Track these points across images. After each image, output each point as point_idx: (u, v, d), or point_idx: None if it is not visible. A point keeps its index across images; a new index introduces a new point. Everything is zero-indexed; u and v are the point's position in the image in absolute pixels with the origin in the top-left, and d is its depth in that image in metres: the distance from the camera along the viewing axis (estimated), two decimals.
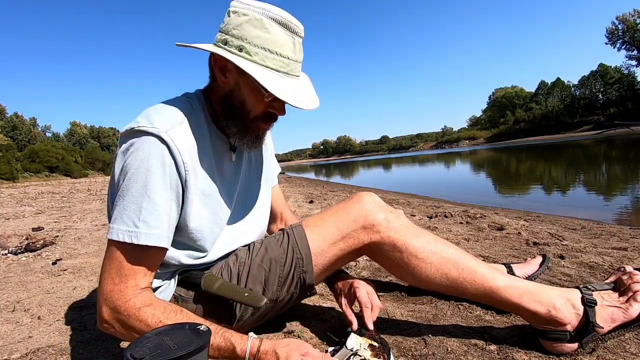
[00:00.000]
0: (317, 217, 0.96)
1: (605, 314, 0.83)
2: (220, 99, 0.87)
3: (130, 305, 0.73)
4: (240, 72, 0.78)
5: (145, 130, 0.76)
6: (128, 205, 0.74)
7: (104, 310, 0.74)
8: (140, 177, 0.74)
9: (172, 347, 0.58)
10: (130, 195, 0.74)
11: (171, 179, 0.77)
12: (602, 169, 8.57)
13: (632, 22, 52.86)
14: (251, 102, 0.83)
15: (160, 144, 0.76)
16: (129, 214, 0.74)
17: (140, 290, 0.75)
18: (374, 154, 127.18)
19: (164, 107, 0.82)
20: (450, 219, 2.85)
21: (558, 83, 69.30)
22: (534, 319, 0.85)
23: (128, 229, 0.73)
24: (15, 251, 2.36)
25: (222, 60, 0.81)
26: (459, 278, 0.88)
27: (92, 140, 68.32)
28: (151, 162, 0.75)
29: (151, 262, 0.78)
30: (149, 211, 0.74)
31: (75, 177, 32.61)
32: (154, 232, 0.74)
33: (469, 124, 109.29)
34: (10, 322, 1.24)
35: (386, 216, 0.92)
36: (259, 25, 0.77)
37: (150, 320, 0.72)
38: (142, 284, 0.76)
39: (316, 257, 0.91)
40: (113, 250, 0.75)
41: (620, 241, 1.93)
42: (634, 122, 39.57)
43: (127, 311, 0.73)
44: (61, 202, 6.50)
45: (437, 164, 18.65)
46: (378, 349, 0.83)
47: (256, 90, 0.81)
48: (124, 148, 0.77)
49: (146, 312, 0.73)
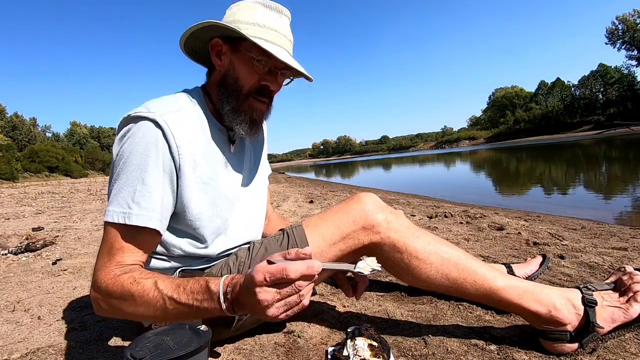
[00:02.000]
0: (317, 217, 0.96)
1: (606, 314, 0.83)
2: (217, 85, 0.91)
3: (110, 275, 0.74)
4: (234, 49, 0.86)
5: (141, 115, 0.79)
6: (123, 188, 0.77)
7: (92, 289, 0.76)
8: (134, 160, 0.77)
9: (172, 347, 0.58)
10: (124, 179, 0.77)
11: (164, 162, 0.80)
12: (602, 169, 8.56)
13: (632, 22, 52.83)
14: (244, 76, 0.87)
15: (155, 127, 0.79)
16: (123, 196, 0.76)
17: (125, 265, 0.76)
18: (374, 154, 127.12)
19: (162, 97, 0.86)
20: (450, 219, 2.85)
21: (558, 83, 69.29)
22: (534, 319, 0.85)
23: (122, 210, 0.76)
24: (15, 251, 2.36)
25: (217, 45, 0.87)
26: (459, 278, 0.88)
27: (92, 140, 68.32)
28: (145, 145, 0.78)
29: (143, 244, 0.79)
30: (142, 193, 0.77)
31: (75, 177, 32.59)
32: (146, 213, 0.77)
33: (469, 124, 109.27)
34: (10, 322, 1.24)
35: (386, 217, 0.92)
36: (247, 8, 0.86)
37: (126, 281, 0.73)
38: (129, 260, 0.77)
39: (316, 258, 0.90)
40: (107, 232, 0.77)
41: (620, 241, 1.93)
42: (634, 122, 39.59)
43: (106, 281, 0.74)
44: (61, 202, 6.50)
45: (437, 164, 18.64)
46: (378, 348, 0.83)
47: (248, 63, 0.86)
48: (121, 134, 0.80)
49: (123, 277, 0.74)
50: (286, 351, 0.94)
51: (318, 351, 0.93)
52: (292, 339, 1.00)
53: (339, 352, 0.84)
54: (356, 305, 1.22)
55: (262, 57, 0.85)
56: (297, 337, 1.01)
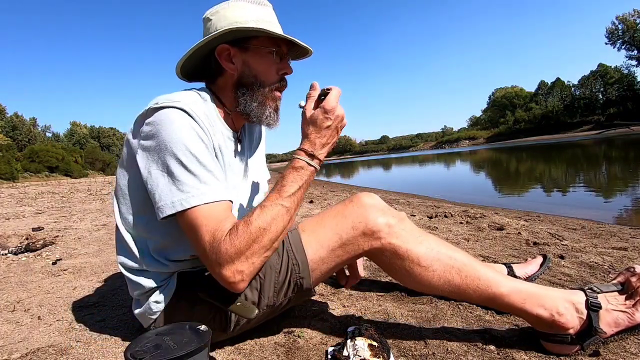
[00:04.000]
0: (315, 221, 0.92)
1: (610, 318, 0.82)
2: (232, 87, 0.93)
3: (229, 241, 0.74)
4: (243, 49, 0.90)
5: (168, 105, 0.79)
6: (181, 175, 0.76)
7: (224, 269, 0.74)
8: (179, 146, 0.77)
9: (172, 347, 0.58)
10: (179, 164, 0.76)
11: (206, 143, 0.81)
12: (602, 169, 8.56)
13: (632, 22, 52.86)
14: (263, 70, 0.91)
15: (186, 115, 0.80)
16: (186, 182, 0.76)
17: (228, 229, 0.76)
18: (374, 154, 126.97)
19: (173, 93, 0.87)
20: (450, 219, 2.85)
21: (558, 83, 69.30)
22: (536, 322, 0.85)
23: (191, 194, 0.75)
24: (15, 251, 2.36)
25: (224, 50, 0.90)
26: (462, 285, 0.86)
27: (92, 140, 68.34)
28: (183, 130, 0.78)
29: (227, 212, 0.80)
30: (202, 172, 0.77)
31: (75, 177, 32.61)
32: (216, 186, 0.78)
33: (469, 124, 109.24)
34: (10, 322, 1.24)
35: (388, 221, 0.88)
36: (237, 8, 0.90)
37: (242, 228, 0.75)
38: (228, 226, 0.77)
39: (313, 264, 0.88)
40: (193, 218, 0.76)
41: (620, 241, 1.93)
42: (634, 122, 39.59)
43: (232, 245, 0.74)
44: (61, 202, 6.50)
45: (437, 164, 18.64)
46: (378, 348, 0.83)
47: (264, 58, 0.91)
48: (152, 125, 0.79)
49: (238, 230, 0.75)
50: (286, 351, 0.94)
51: (318, 351, 0.93)
52: (292, 339, 1.00)
53: (339, 352, 0.84)
54: (356, 305, 1.22)
55: (275, 47, 0.91)
56: (297, 337, 1.01)
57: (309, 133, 0.84)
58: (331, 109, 0.83)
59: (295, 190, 0.81)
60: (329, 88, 0.87)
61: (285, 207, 0.79)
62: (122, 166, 0.89)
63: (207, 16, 0.92)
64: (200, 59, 0.94)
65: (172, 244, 0.87)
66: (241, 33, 0.88)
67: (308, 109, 0.86)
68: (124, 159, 0.88)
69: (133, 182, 0.86)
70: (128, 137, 0.87)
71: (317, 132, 0.84)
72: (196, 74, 1.01)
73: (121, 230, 0.90)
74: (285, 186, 0.81)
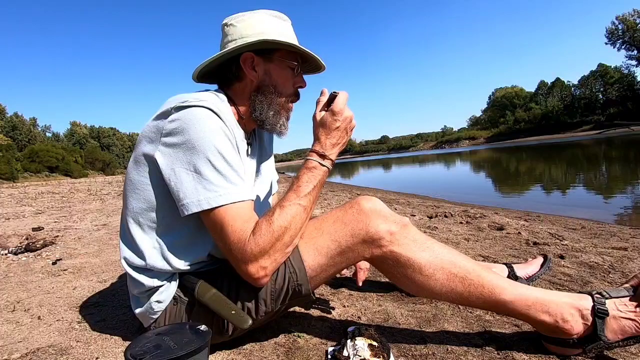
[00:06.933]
0: (313, 226, 0.89)
1: (616, 326, 0.79)
2: (251, 94, 0.96)
3: (254, 239, 0.78)
4: (267, 60, 0.94)
5: (193, 104, 0.81)
6: (209, 173, 0.78)
7: (249, 266, 0.79)
8: (208, 144, 0.79)
9: (172, 347, 0.58)
10: (208, 165, 0.78)
11: (232, 142, 0.84)
12: (602, 169, 8.56)
13: (632, 22, 52.88)
14: (282, 81, 0.96)
15: (212, 113, 0.81)
16: (213, 181, 0.78)
17: (252, 228, 0.80)
18: (374, 154, 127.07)
19: (190, 93, 0.88)
20: (450, 218, 2.85)
21: (558, 83, 69.33)
22: (540, 327, 0.84)
23: (219, 193, 0.78)
24: (15, 251, 2.36)
25: (249, 58, 0.93)
26: (464, 293, 0.85)
27: (92, 140, 68.37)
28: (212, 129, 0.80)
29: (250, 213, 0.82)
30: (229, 172, 0.80)
31: (75, 177, 32.61)
32: (242, 186, 0.81)
33: (469, 124, 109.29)
34: (10, 322, 1.24)
35: (389, 228, 0.85)
36: (261, 21, 0.94)
37: (265, 226, 0.79)
38: (252, 225, 0.80)
39: (311, 271, 0.87)
40: (219, 217, 0.78)
41: (620, 241, 1.93)
42: (634, 122, 39.61)
43: (257, 243, 0.78)
44: (61, 202, 6.50)
45: (437, 164, 18.64)
46: (378, 348, 0.83)
47: (284, 70, 0.95)
48: (178, 123, 0.80)
49: (261, 227, 0.79)
50: (286, 351, 0.94)
51: (318, 351, 0.93)
52: (292, 339, 1.00)
53: (339, 352, 0.84)
54: (356, 305, 1.22)
55: (296, 61, 0.96)
56: (297, 337, 1.01)
57: (320, 135, 0.88)
58: (339, 111, 0.87)
59: (311, 190, 0.85)
60: (337, 92, 0.91)
61: (302, 205, 0.83)
62: (137, 162, 0.87)
63: (230, 22, 0.94)
64: (219, 62, 0.95)
65: (187, 244, 0.87)
66: (268, 44, 0.91)
67: (318, 112, 0.90)
68: (139, 155, 0.86)
69: (150, 178, 0.85)
70: (145, 133, 0.86)
71: (326, 133, 0.88)
72: (207, 76, 1.01)
73: (130, 227, 0.88)
74: (300, 186, 0.84)
